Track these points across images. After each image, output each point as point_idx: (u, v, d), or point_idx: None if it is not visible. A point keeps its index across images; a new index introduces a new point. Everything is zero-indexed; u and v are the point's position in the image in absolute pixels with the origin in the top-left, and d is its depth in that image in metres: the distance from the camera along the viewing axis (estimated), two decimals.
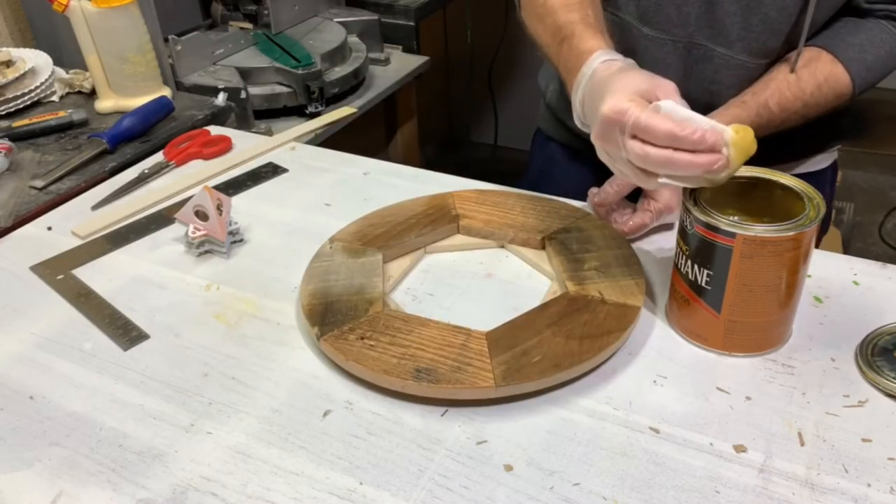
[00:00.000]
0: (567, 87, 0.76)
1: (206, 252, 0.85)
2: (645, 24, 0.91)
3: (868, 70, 0.84)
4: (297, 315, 0.75)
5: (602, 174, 0.99)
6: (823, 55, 0.84)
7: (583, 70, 0.72)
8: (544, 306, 0.72)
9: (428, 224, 0.84)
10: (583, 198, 0.89)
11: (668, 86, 0.66)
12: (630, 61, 0.72)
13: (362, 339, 0.68)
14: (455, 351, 0.66)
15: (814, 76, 0.83)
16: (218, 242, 0.84)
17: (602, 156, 0.68)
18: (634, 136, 0.62)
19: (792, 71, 0.84)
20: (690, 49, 0.90)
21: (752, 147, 0.61)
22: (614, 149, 0.65)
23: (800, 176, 1.00)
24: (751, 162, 0.63)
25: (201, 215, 0.83)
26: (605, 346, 0.66)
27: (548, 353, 0.65)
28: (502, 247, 0.84)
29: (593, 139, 0.67)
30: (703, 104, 0.91)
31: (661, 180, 0.63)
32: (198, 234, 0.83)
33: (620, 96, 0.63)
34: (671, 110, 0.61)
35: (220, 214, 0.83)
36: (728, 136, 0.60)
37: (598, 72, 0.70)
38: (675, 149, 0.61)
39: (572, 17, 0.78)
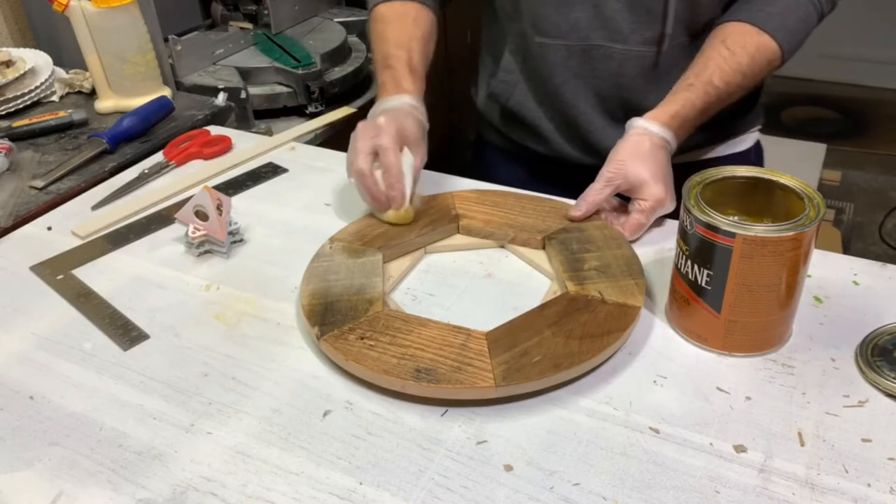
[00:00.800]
0: (377, 95, 0.92)
1: (206, 252, 0.85)
2: (538, 34, 0.96)
3: (792, 34, 0.89)
4: (297, 315, 0.75)
5: (538, 173, 1.03)
6: (749, 28, 0.88)
7: (393, 97, 0.89)
8: (544, 306, 0.72)
9: (428, 224, 0.84)
10: None
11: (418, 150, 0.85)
12: (421, 111, 0.89)
13: (362, 339, 0.68)
14: (455, 351, 0.66)
15: (745, 49, 0.87)
16: (218, 242, 0.84)
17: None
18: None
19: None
20: (589, 51, 0.94)
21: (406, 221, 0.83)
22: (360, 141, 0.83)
23: (723, 157, 1.04)
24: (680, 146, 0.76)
25: (201, 215, 0.83)
26: (605, 346, 0.66)
27: (548, 353, 0.65)
28: (502, 247, 0.84)
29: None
30: (617, 99, 0.97)
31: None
32: (198, 234, 0.83)
33: (385, 120, 0.84)
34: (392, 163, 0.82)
35: (220, 214, 0.83)
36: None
37: (397, 106, 0.88)
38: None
39: (400, 55, 0.93)
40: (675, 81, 0.93)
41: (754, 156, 1.10)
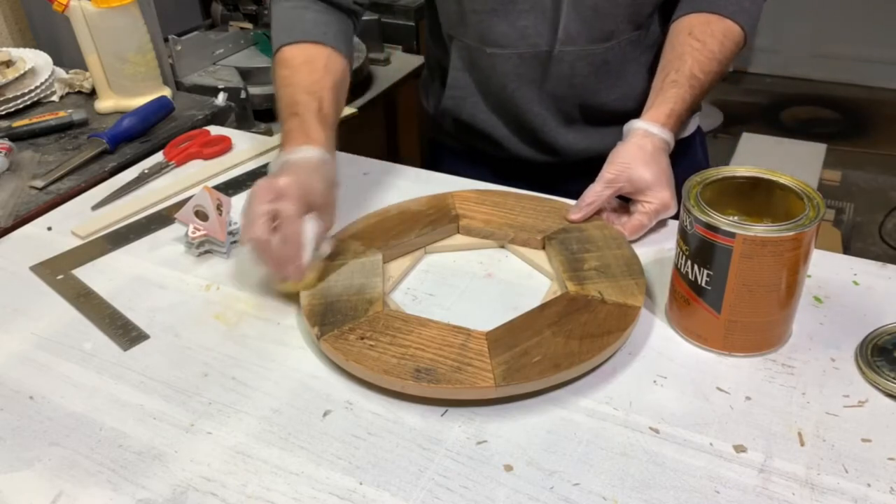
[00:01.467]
0: (281, 143, 0.83)
1: (206, 252, 0.85)
2: (486, 45, 0.96)
3: (750, 15, 0.90)
4: (297, 315, 0.75)
5: (499, 172, 1.03)
6: (710, 17, 0.90)
7: (301, 147, 0.80)
8: (544, 306, 0.72)
9: (428, 224, 0.84)
10: None
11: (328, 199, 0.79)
12: (329, 164, 0.81)
13: (362, 339, 0.68)
14: (455, 351, 0.66)
15: (714, 36, 0.89)
16: (218, 242, 0.84)
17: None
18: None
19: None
20: (538, 56, 0.94)
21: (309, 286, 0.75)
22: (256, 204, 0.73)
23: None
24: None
25: (201, 215, 0.83)
26: (605, 346, 0.66)
27: (548, 353, 0.65)
28: (502, 247, 0.84)
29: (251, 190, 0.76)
30: (572, 99, 0.98)
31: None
32: (198, 234, 0.83)
33: (289, 183, 0.74)
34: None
35: (220, 214, 0.83)
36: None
37: (305, 157, 0.79)
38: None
39: (310, 103, 0.84)
40: (625, 75, 0.94)
41: (698, 139, 1.11)
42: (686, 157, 0.91)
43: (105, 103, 1.20)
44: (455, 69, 1.02)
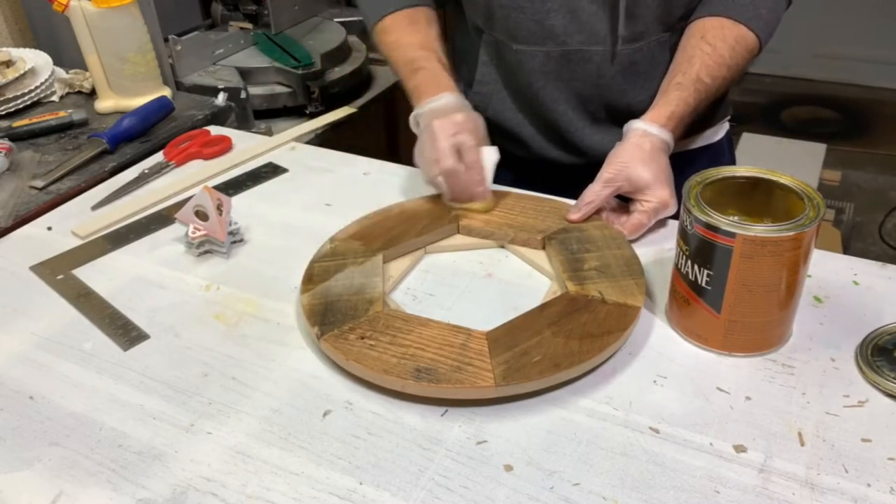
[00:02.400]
0: (413, 99, 0.93)
1: (206, 252, 0.85)
2: (514, 41, 0.96)
3: (766, 22, 0.90)
4: (297, 315, 0.75)
5: (523, 175, 1.01)
6: (725, 21, 0.89)
7: (437, 96, 0.89)
8: (544, 306, 0.72)
9: (427, 224, 0.84)
10: None
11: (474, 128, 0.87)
12: (469, 106, 0.90)
13: (362, 338, 0.68)
14: (455, 351, 0.66)
15: (725, 41, 0.88)
16: (218, 242, 0.84)
17: (417, 158, 0.88)
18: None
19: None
20: (567, 55, 0.94)
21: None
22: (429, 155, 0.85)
23: (698, 149, 1.05)
24: None
25: (201, 215, 0.83)
26: (605, 345, 0.66)
27: (548, 353, 0.65)
28: (502, 247, 0.84)
29: (418, 151, 0.88)
30: (598, 99, 0.97)
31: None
32: (198, 234, 0.83)
33: (459, 117, 0.86)
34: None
35: (220, 214, 0.83)
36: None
37: (446, 104, 0.88)
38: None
39: (429, 55, 0.93)
40: (654, 77, 0.93)
41: (726, 145, 1.11)
42: (716, 164, 0.88)
43: (105, 103, 1.20)
44: (482, 64, 1.02)
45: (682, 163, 0.91)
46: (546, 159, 1.04)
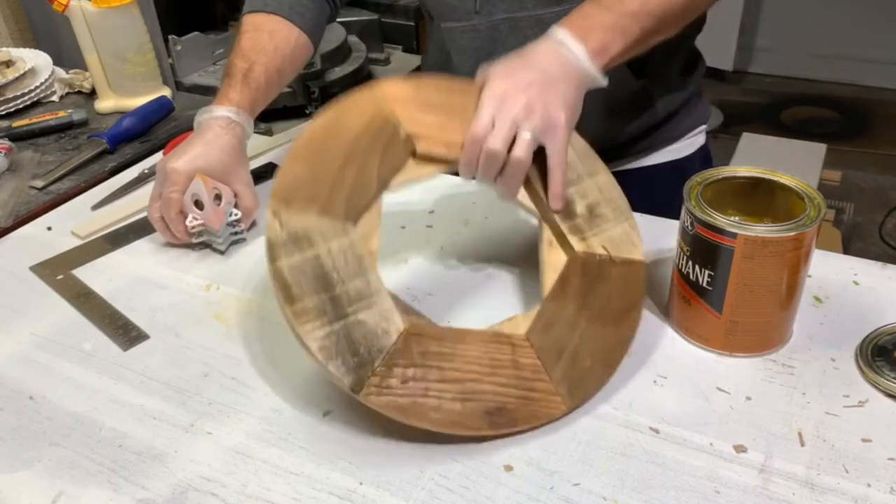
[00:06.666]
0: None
1: (203, 243, 0.85)
2: (441, 19, 0.94)
3: None
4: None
5: None
6: None
7: (213, 107, 0.87)
8: (563, 281, 0.68)
9: (376, 154, 0.66)
10: None
11: (239, 176, 0.86)
12: (239, 129, 0.87)
13: (406, 382, 0.59)
14: (510, 372, 0.62)
15: None
16: (214, 232, 0.83)
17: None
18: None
19: None
20: (497, 27, 0.90)
21: None
22: (155, 186, 0.85)
23: (669, 163, 1.00)
24: (610, 153, 0.72)
25: (199, 205, 0.83)
26: (633, 323, 0.67)
27: (594, 352, 0.64)
28: (473, 178, 0.70)
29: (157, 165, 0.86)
30: None
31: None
32: (195, 223, 0.83)
33: (181, 169, 0.83)
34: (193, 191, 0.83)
35: (219, 204, 0.83)
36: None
37: (207, 121, 0.86)
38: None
39: (241, 65, 0.90)
40: None
41: (699, 164, 1.02)
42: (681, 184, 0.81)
43: (105, 103, 1.20)
44: (433, 49, 1.01)
45: (641, 179, 0.89)
46: None
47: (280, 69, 0.92)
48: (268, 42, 0.91)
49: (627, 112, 0.95)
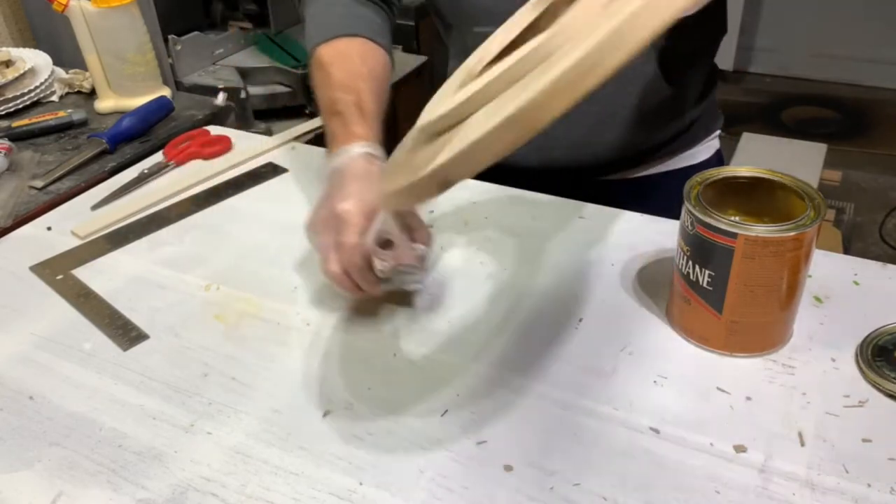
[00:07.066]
0: (328, 147, 0.80)
1: (403, 289, 0.73)
2: (472, 25, 0.90)
3: None
4: (297, 315, 0.74)
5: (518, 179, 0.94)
6: None
7: (344, 147, 0.76)
8: None
9: None
10: None
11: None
12: (381, 161, 0.75)
13: None
14: None
15: None
16: (412, 270, 0.69)
17: (309, 238, 0.74)
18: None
19: None
20: None
21: None
22: (323, 236, 0.70)
23: (689, 167, 0.99)
24: (635, 159, 0.65)
25: (385, 244, 0.69)
26: None
27: None
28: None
29: (308, 221, 0.73)
30: None
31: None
32: (386, 265, 0.68)
33: (353, 209, 0.69)
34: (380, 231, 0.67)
35: (414, 239, 0.69)
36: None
37: (350, 161, 0.74)
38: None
39: (347, 98, 0.80)
40: None
41: (716, 167, 1.06)
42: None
43: (105, 103, 1.20)
44: (453, 58, 0.97)
45: (662, 184, 0.88)
46: (517, 166, 0.95)
47: (381, 92, 0.85)
48: (361, 67, 0.84)
49: (657, 119, 0.95)
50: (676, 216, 0.83)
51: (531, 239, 0.85)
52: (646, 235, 0.83)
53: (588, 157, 0.97)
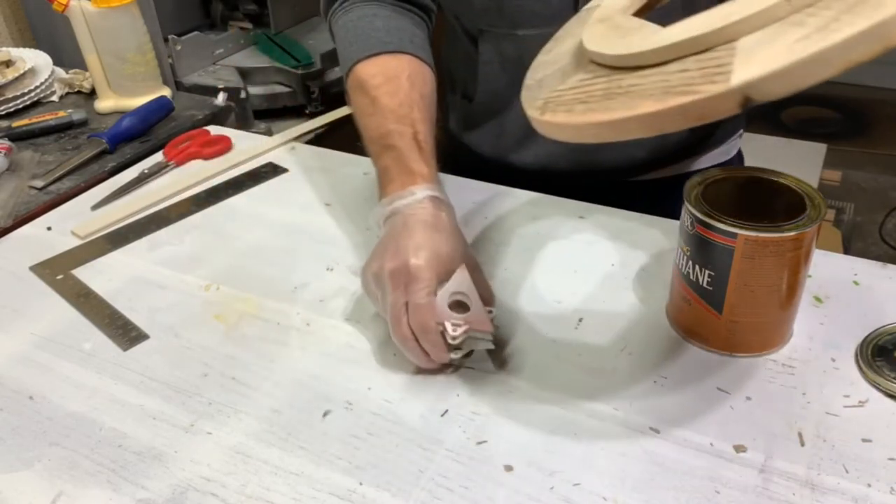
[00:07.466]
0: (378, 185, 0.74)
1: (469, 355, 0.67)
2: (518, 27, 0.85)
3: None
4: (296, 315, 0.74)
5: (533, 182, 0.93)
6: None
7: (410, 189, 0.70)
8: None
9: None
10: None
11: (469, 261, 0.66)
12: (448, 207, 0.70)
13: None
14: None
15: None
16: (484, 336, 0.65)
17: (366, 285, 0.69)
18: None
19: None
20: None
21: None
22: (394, 293, 0.64)
23: (713, 167, 0.98)
24: (661, 159, 0.64)
25: (455, 305, 0.64)
26: None
27: None
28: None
29: (369, 268, 0.67)
30: None
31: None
32: (459, 330, 0.62)
33: (425, 265, 0.63)
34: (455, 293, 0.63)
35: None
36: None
37: (417, 205, 0.68)
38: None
39: (403, 130, 0.73)
40: None
41: (737, 164, 1.07)
42: None
43: (105, 103, 1.20)
44: (485, 63, 0.92)
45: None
46: (553, 170, 0.95)
47: (434, 122, 0.78)
48: (411, 90, 0.77)
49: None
50: None
51: (531, 239, 0.85)
52: (646, 235, 0.83)
53: (625, 158, 0.96)
